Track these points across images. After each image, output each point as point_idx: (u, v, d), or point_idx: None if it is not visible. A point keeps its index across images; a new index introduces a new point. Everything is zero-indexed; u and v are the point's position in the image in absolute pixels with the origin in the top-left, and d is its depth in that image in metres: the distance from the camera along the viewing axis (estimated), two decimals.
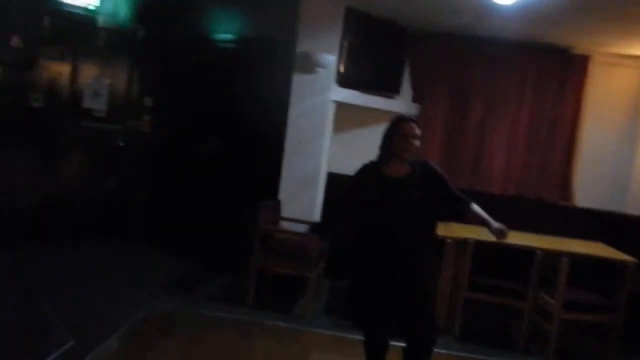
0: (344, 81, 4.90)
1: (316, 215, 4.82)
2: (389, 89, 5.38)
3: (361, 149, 5.53)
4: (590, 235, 4.57)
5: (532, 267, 3.92)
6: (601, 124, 5.42)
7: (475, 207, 2.78)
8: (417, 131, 2.73)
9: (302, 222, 4.54)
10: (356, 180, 2.83)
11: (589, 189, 5.39)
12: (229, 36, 5.44)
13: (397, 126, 2.73)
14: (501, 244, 2.87)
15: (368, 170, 2.82)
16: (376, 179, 2.73)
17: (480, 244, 3.92)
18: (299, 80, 4.70)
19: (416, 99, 5.52)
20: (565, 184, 5.40)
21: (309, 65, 4.60)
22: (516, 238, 4.11)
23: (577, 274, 3.89)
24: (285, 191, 4.72)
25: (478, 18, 4.47)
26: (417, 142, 2.72)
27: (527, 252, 3.96)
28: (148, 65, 5.45)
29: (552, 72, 5.33)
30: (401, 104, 5.46)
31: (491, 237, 2.74)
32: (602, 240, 4.49)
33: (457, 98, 5.41)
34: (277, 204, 4.64)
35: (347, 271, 2.80)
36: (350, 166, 5.30)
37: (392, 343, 2.83)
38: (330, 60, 4.63)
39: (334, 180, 5.12)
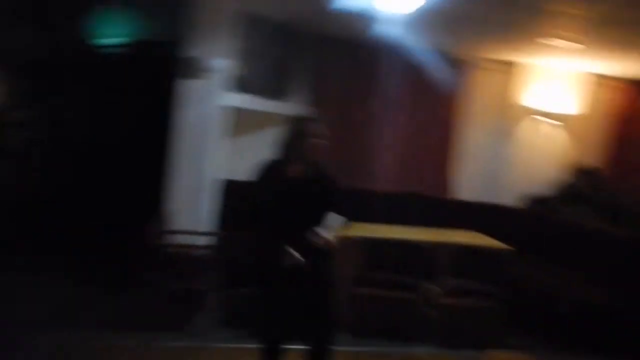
0: (236, 85, 4.85)
1: (210, 226, 4.75)
2: (284, 93, 5.45)
3: (262, 154, 5.61)
4: (470, 226, 4.88)
5: (419, 259, 4.12)
6: (476, 123, 5.86)
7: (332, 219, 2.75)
8: (324, 131, 2.70)
9: (195, 233, 4.45)
10: (260, 180, 2.75)
11: (467, 183, 5.79)
12: (116, 40, 5.21)
13: (305, 126, 2.67)
14: (391, 239, 2.92)
15: (270, 170, 2.75)
16: (280, 179, 2.68)
17: (373, 241, 4.06)
18: (187, 86, 4.53)
19: (310, 101, 5.65)
20: (445, 179, 5.76)
21: (200, 70, 4.53)
22: (403, 233, 4.34)
23: (460, 263, 4.14)
24: (176, 202, 4.54)
25: (368, 25, 4.63)
26: (323, 143, 2.69)
27: (414, 246, 4.16)
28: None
29: (430, 74, 5.67)
30: (295, 106, 5.55)
31: (384, 233, 2.83)
32: (480, 230, 4.80)
33: (349, 100, 5.61)
34: (167, 215, 4.51)
35: (257, 276, 2.78)
36: (247, 172, 5.37)
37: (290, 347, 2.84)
38: (222, 64, 4.56)
39: (235, 188, 5.08)
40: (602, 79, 5.86)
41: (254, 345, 3.65)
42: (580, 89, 5.80)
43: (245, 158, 5.36)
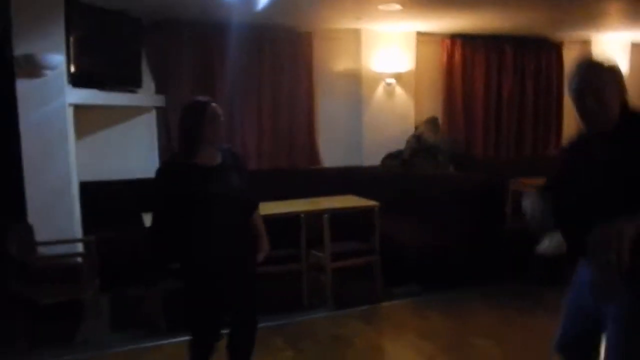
0: (77, 81, 4.47)
1: (77, 231, 4.42)
2: (130, 83, 5.14)
3: (113, 151, 5.33)
4: (341, 190, 5.14)
5: (300, 229, 4.26)
6: (330, 91, 6.12)
7: (258, 214, 2.80)
8: (221, 111, 2.58)
9: (61, 242, 4.12)
10: (166, 179, 2.55)
11: (330, 150, 6.08)
12: None
13: (205, 110, 2.52)
14: (271, 215, 2.90)
15: (176, 165, 2.58)
16: (191, 172, 2.50)
17: None
18: (25, 86, 4.09)
19: (159, 89, 5.41)
20: (311, 150, 5.98)
21: (34, 69, 4.09)
22: (281, 207, 4.43)
23: (339, 226, 4.36)
24: (35, 211, 4.13)
25: (205, 9, 4.51)
26: (223, 123, 2.59)
27: (294, 218, 4.28)
28: None
29: (283, 52, 5.78)
30: (145, 97, 5.31)
31: (264, 211, 2.84)
32: (350, 193, 5.09)
33: (202, 84, 5.46)
34: (28, 226, 4.09)
35: (182, 271, 2.62)
36: (103, 171, 5.10)
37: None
38: (58, 60, 4.17)
39: (91, 189, 4.78)
40: (427, 36, 6.44)
41: (148, 344, 3.62)
42: (410, 47, 6.32)
43: (100, 156, 5.14)
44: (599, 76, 1.91)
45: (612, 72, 1.93)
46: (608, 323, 1.93)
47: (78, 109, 4.56)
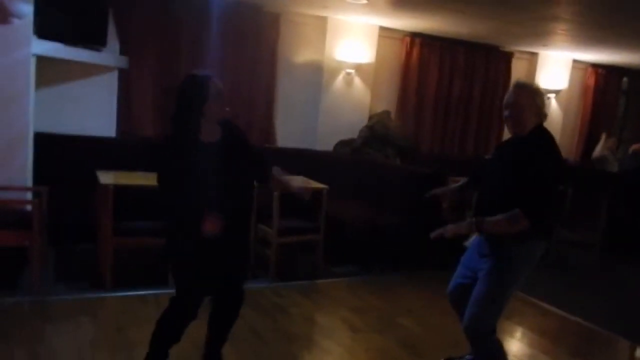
0: (42, 33, 4.46)
1: (28, 180, 4.46)
2: (94, 41, 5.14)
3: (71, 107, 5.33)
4: (292, 171, 5.35)
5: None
6: (292, 74, 6.30)
7: (275, 171, 2.85)
8: (222, 87, 2.54)
9: (11, 188, 4.16)
10: (171, 152, 2.51)
11: (287, 130, 6.28)
12: None
13: (209, 86, 2.48)
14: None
15: (179, 138, 2.51)
16: (192, 146, 2.45)
17: None
18: None
19: (124, 51, 5.44)
20: (268, 129, 6.17)
21: (3, 15, 4.06)
22: None
23: (289, 204, 4.59)
24: None
25: None
26: (225, 99, 2.57)
27: None
28: None
29: (248, 29, 5.90)
30: (108, 56, 5.33)
31: None
32: (302, 174, 5.32)
33: (166, 52, 5.53)
34: None
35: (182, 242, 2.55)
36: (59, 124, 5.11)
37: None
38: (27, 9, 4.15)
39: (46, 141, 4.80)
40: (389, 31, 6.73)
41: (93, 295, 3.76)
42: (373, 40, 6.59)
43: (57, 110, 5.16)
44: (520, 95, 2.57)
45: (533, 93, 2.59)
46: (479, 277, 2.69)
47: (40, 60, 4.57)
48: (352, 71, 6.50)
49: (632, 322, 4.21)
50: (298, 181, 2.78)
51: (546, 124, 2.64)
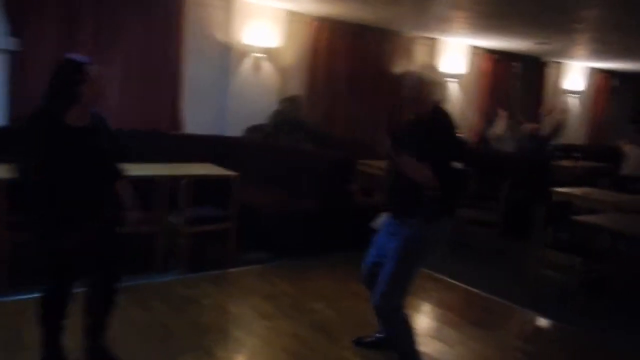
0: None
1: None
2: None
3: None
4: (201, 158, 5.24)
5: (159, 193, 4.33)
6: (199, 58, 6.12)
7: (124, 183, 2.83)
8: (100, 73, 2.56)
9: None
10: (34, 135, 2.46)
11: (195, 117, 6.11)
12: None
13: (84, 71, 2.47)
14: (127, 176, 2.92)
15: (43, 120, 2.47)
16: (58, 130, 2.45)
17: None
18: None
19: (15, 32, 5.01)
20: (175, 114, 5.96)
21: None
22: (138, 169, 4.43)
23: (198, 192, 4.50)
24: None
25: None
26: (102, 87, 2.59)
27: (152, 181, 4.32)
28: None
29: (153, 11, 5.65)
30: None
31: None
32: (211, 161, 5.21)
33: (64, 34, 5.16)
34: None
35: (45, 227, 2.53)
36: None
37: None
38: None
39: None
40: (297, 16, 6.71)
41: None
42: (281, 24, 6.55)
43: None
44: (417, 79, 2.78)
45: (428, 78, 2.78)
46: (387, 255, 2.84)
47: None
48: (261, 55, 6.42)
49: (525, 292, 4.55)
50: None
51: (448, 107, 2.85)
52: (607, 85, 11.05)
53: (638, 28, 6.05)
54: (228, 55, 6.27)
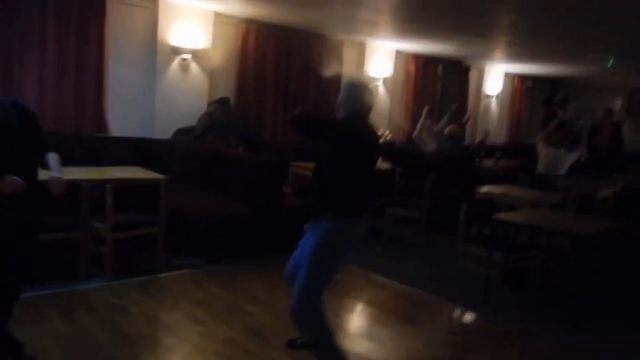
0: None
1: None
2: None
3: None
4: (127, 161, 5.09)
5: (82, 198, 4.15)
6: (124, 60, 5.93)
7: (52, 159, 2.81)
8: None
9: None
10: None
11: (121, 119, 5.92)
12: None
13: None
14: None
15: None
16: None
17: None
18: None
19: None
20: (99, 117, 5.75)
21: None
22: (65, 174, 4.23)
23: (124, 197, 4.35)
24: None
25: None
26: None
27: (77, 185, 4.14)
28: None
29: (73, 12, 5.42)
30: None
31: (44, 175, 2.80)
32: (139, 165, 5.07)
33: None
34: None
35: None
36: None
37: None
38: None
39: None
40: (225, 17, 6.66)
41: None
42: (209, 25, 6.47)
43: None
44: (344, 87, 2.95)
45: (351, 86, 2.92)
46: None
47: None
48: (188, 57, 6.31)
49: (451, 287, 4.73)
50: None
51: (375, 109, 2.96)
52: (522, 88, 11.69)
53: (550, 33, 6.45)
54: (154, 56, 6.11)
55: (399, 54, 8.83)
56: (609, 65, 8.18)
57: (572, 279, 4.43)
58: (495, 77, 10.84)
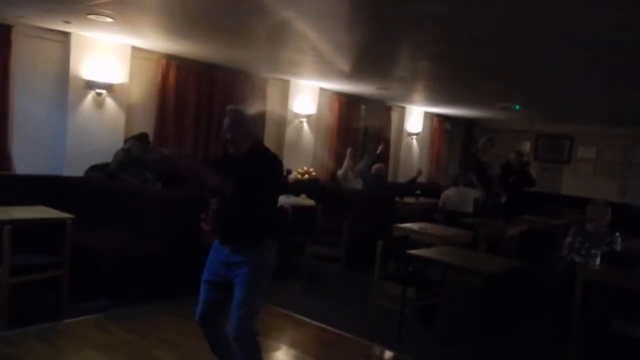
0: None
1: None
2: None
3: None
4: (33, 200, 4.81)
5: None
6: (32, 93, 5.69)
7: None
8: None
9: None
10: None
11: (27, 156, 5.63)
12: None
13: None
14: None
15: None
16: None
17: None
18: None
19: None
20: (3, 152, 5.44)
21: None
22: None
23: (26, 238, 4.10)
24: None
25: None
26: None
27: None
28: None
29: None
30: None
31: None
32: (44, 203, 4.80)
33: None
34: None
35: None
36: None
37: None
38: None
39: None
40: (143, 52, 6.57)
41: None
42: (125, 60, 6.35)
43: None
44: (236, 120, 2.97)
45: (245, 117, 2.98)
46: (235, 283, 2.88)
47: None
48: (103, 92, 6.13)
49: (367, 324, 4.76)
50: None
51: (299, 146, 3.21)
52: (441, 128, 12.21)
53: (461, 79, 6.82)
54: (66, 90, 5.90)
55: (323, 91, 9.01)
56: (517, 109, 8.73)
57: (477, 315, 4.56)
58: (415, 117, 11.25)
